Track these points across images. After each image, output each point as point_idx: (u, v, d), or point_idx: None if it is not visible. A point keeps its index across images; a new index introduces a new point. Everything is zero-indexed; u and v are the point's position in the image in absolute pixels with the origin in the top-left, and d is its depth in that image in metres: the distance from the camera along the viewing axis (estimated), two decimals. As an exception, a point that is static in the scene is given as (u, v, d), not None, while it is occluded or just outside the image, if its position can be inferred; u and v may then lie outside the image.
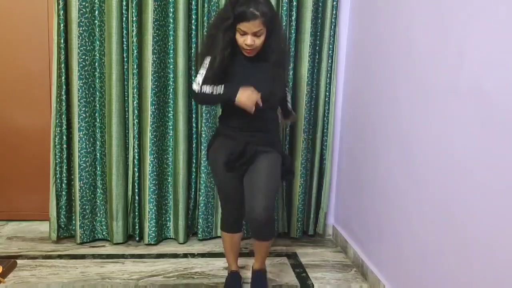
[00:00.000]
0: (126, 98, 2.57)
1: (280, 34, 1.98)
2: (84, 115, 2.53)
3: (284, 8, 2.51)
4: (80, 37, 2.45)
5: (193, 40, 2.54)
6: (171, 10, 2.48)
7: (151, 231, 2.62)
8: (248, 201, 1.93)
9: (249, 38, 1.82)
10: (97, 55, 2.53)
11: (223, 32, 1.85)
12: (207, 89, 1.85)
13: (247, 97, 1.80)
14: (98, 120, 2.59)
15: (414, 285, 1.86)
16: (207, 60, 1.90)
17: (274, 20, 1.89)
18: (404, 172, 1.95)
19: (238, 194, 2.01)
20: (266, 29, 1.85)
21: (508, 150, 1.30)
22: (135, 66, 2.49)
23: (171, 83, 2.56)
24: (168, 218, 2.72)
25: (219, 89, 1.84)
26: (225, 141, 2.00)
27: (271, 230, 2.04)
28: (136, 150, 2.58)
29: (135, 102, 2.53)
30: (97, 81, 2.56)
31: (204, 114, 2.60)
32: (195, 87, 1.89)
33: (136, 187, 2.62)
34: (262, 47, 1.89)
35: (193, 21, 2.52)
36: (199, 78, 1.89)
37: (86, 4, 2.43)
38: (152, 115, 2.52)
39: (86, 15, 2.44)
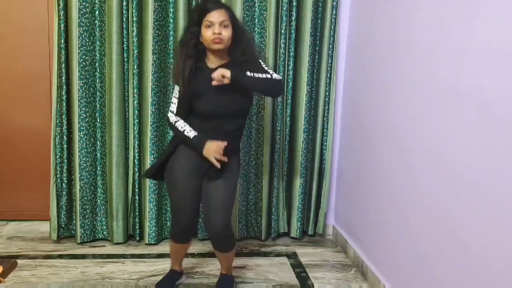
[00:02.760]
0: (126, 98, 2.57)
1: (246, 35, 1.99)
2: (84, 115, 2.53)
3: (284, 8, 2.51)
4: (81, 37, 2.45)
5: (193, 40, 2.54)
6: (171, 10, 2.48)
7: (151, 231, 2.62)
8: (207, 214, 1.94)
9: (216, 26, 1.84)
10: (98, 55, 2.53)
11: (188, 39, 1.90)
12: (180, 125, 1.94)
13: (213, 151, 1.85)
14: (98, 120, 2.59)
15: (414, 285, 1.86)
16: (176, 90, 1.96)
17: (237, 20, 1.95)
18: (403, 172, 1.95)
19: (196, 204, 2.00)
20: (231, 25, 1.88)
21: (507, 150, 1.30)
22: (135, 66, 2.49)
23: (171, 83, 2.56)
24: (168, 218, 2.72)
25: (190, 133, 1.90)
26: (186, 149, 1.95)
27: (231, 243, 2.03)
28: (136, 150, 2.58)
29: (135, 102, 2.53)
30: (97, 81, 2.56)
31: (204, 114, 2.60)
32: (170, 116, 1.97)
33: (136, 187, 2.62)
34: (230, 49, 1.91)
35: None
36: (173, 107, 1.98)
37: (86, 4, 2.43)
38: (152, 115, 2.52)
39: (86, 15, 2.45)
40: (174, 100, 1.97)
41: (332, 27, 2.63)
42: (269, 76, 1.92)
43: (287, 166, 2.76)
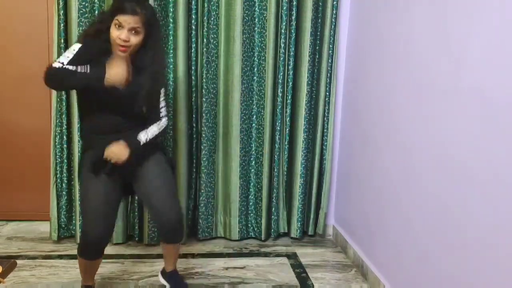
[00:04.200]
0: (126, 98, 2.56)
1: (160, 45, 1.89)
2: (84, 115, 2.53)
3: (284, 8, 2.51)
4: (80, 37, 2.44)
5: (193, 40, 2.54)
6: (171, 10, 2.48)
7: (151, 232, 2.62)
8: (157, 207, 1.85)
9: (124, 32, 1.72)
10: (97, 55, 2.52)
11: (98, 23, 1.80)
12: (69, 67, 1.70)
13: (115, 73, 1.69)
14: (98, 120, 2.59)
15: (414, 285, 1.85)
16: (76, 47, 1.75)
17: (154, 25, 1.82)
18: (404, 172, 1.95)
19: (112, 211, 1.84)
20: (144, 31, 1.76)
21: (508, 150, 1.30)
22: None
23: (171, 83, 2.55)
24: (168, 218, 2.71)
25: (85, 70, 1.72)
26: (92, 152, 1.85)
27: (183, 232, 1.99)
28: (136, 150, 2.58)
29: (135, 102, 2.53)
30: (97, 81, 2.55)
31: (204, 114, 2.60)
32: (55, 64, 1.70)
33: (136, 187, 2.62)
34: (138, 53, 1.79)
35: (193, 21, 2.52)
36: (63, 59, 1.72)
37: (86, 4, 2.43)
38: (152, 115, 2.52)
39: (86, 15, 2.44)
40: (69, 54, 1.73)
41: (332, 27, 2.63)
42: (160, 126, 1.91)
43: (287, 166, 2.76)
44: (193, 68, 2.57)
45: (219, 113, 2.64)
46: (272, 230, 2.77)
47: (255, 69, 2.64)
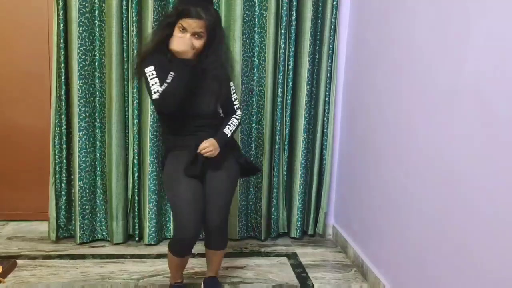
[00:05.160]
0: (126, 98, 2.56)
1: (222, 48, 1.89)
2: (84, 115, 2.53)
3: (284, 8, 2.51)
4: (80, 37, 2.45)
5: (193, 40, 2.54)
6: (171, 10, 2.47)
7: (151, 231, 2.62)
8: (207, 211, 1.89)
9: (188, 35, 1.75)
10: (97, 55, 2.53)
11: (162, 29, 1.83)
12: (162, 88, 1.75)
13: (182, 43, 1.72)
14: (98, 120, 2.59)
15: (414, 285, 1.86)
16: (150, 71, 1.80)
17: (217, 30, 1.83)
18: (404, 172, 1.95)
19: (201, 207, 1.87)
20: (207, 36, 1.78)
21: (506, 151, 1.30)
22: (135, 66, 2.48)
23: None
24: (168, 218, 2.71)
25: (171, 77, 1.74)
26: (179, 152, 1.89)
27: (225, 240, 2.02)
28: (136, 150, 2.58)
29: (135, 102, 2.53)
30: (97, 81, 2.56)
31: (204, 114, 2.60)
32: (155, 96, 1.76)
33: (136, 187, 2.62)
34: (200, 56, 1.81)
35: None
36: (155, 87, 1.77)
37: (86, 4, 2.43)
38: (152, 115, 2.52)
39: (86, 15, 2.44)
40: (152, 81, 1.78)
41: (332, 27, 2.63)
42: (238, 118, 1.98)
43: (287, 166, 2.76)
44: (193, 68, 2.57)
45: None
46: (272, 230, 2.77)
47: (255, 69, 2.64)
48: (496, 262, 1.35)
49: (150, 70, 1.79)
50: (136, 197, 2.63)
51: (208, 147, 1.83)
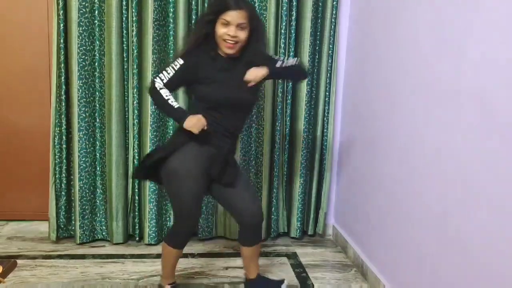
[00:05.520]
0: (126, 98, 2.56)
1: (263, 39, 1.91)
2: (84, 115, 2.53)
3: (284, 8, 2.51)
4: (80, 37, 2.45)
5: (193, 40, 2.54)
6: (171, 10, 2.48)
7: (151, 231, 2.62)
8: (240, 208, 1.90)
9: (232, 28, 1.76)
10: (97, 55, 2.53)
11: (201, 28, 1.84)
12: (165, 93, 1.77)
13: (194, 123, 1.73)
14: (98, 120, 2.59)
15: (414, 285, 1.86)
16: (178, 62, 1.81)
17: (257, 20, 1.86)
18: (404, 172, 1.95)
19: (200, 207, 1.94)
20: (249, 27, 1.80)
21: (508, 151, 1.30)
22: (135, 66, 2.49)
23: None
24: (168, 218, 2.71)
25: (174, 103, 1.76)
26: (199, 147, 1.84)
27: (261, 233, 2.04)
28: (136, 150, 2.58)
29: (135, 102, 2.53)
30: (97, 81, 2.56)
31: (204, 114, 2.60)
32: (157, 82, 1.78)
33: (136, 187, 2.62)
34: (243, 50, 1.84)
35: (193, 21, 2.52)
36: (165, 76, 1.79)
37: (86, 4, 2.43)
38: (152, 115, 2.52)
39: (86, 15, 2.44)
40: (169, 70, 1.80)
41: (332, 27, 2.63)
42: (296, 60, 1.92)
43: (287, 166, 2.76)
44: (193, 68, 2.57)
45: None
46: (272, 230, 2.77)
47: (255, 69, 2.64)
48: (496, 262, 1.35)
49: (178, 63, 1.81)
50: (136, 197, 2.63)
51: (252, 74, 1.78)
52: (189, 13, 2.51)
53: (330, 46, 2.66)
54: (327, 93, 2.71)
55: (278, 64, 1.87)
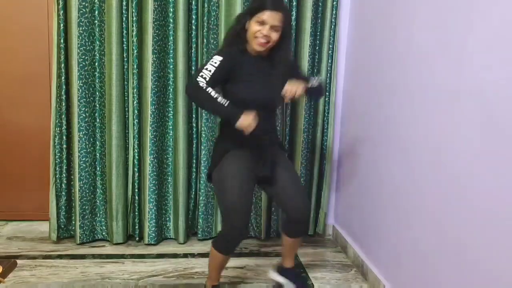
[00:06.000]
0: (126, 98, 2.57)
1: (291, 43, 1.96)
2: (84, 115, 2.53)
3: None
4: (80, 37, 2.45)
5: (193, 40, 2.54)
6: (171, 10, 2.48)
7: (151, 231, 2.62)
8: (289, 203, 1.93)
9: (267, 27, 1.78)
10: (97, 55, 2.53)
11: (235, 25, 1.88)
12: (212, 92, 1.71)
13: (249, 123, 1.71)
14: (98, 120, 2.59)
15: (414, 285, 1.86)
16: (217, 59, 1.78)
17: (289, 27, 1.91)
18: (403, 172, 1.95)
19: (248, 211, 1.88)
20: (281, 30, 1.82)
21: (507, 151, 1.30)
22: (135, 66, 2.49)
23: (171, 83, 2.56)
24: (168, 218, 2.72)
25: (224, 101, 1.72)
26: (240, 151, 1.89)
27: (308, 226, 2.09)
28: (136, 150, 2.58)
29: (135, 102, 2.53)
30: (97, 81, 2.56)
31: (204, 114, 2.60)
32: (200, 81, 1.71)
33: (136, 187, 2.62)
34: (271, 51, 1.87)
35: (193, 21, 2.52)
36: (207, 74, 1.73)
37: (86, 4, 2.43)
38: (152, 115, 2.52)
39: (86, 15, 2.44)
40: (210, 67, 1.75)
41: (332, 27, 2.63)
42: (318, 81, 1.94)
43: (287, 166, 2.76)
44: (193, 68, 2.57)
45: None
46: (272, 230, 2.77)
47: (255, 69, 2.64)
48: (496, 262, 1.35)
49: (217, 60, 1.78)
50: (136, 197, 2.63)
51: (292, 87, 1.76)
52: (189, 13, 2.51)
53: (330, 46, 2.66)
54: (327, 93, 2.71)
55: (311, 84, 1.87)
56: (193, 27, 2.53)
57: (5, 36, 2.75)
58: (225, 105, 1.71)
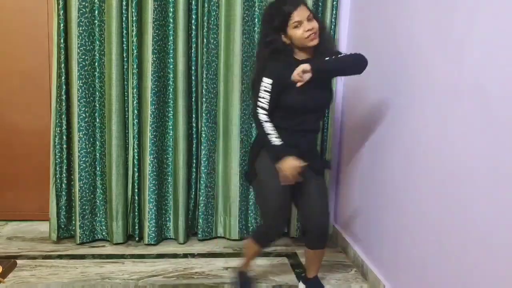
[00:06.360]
0: (126, 98, 2.56)
1: (328, 36, 2.00)
2: (84, 115, 2.53)
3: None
4: (80, 37, 2.45)
5: (193, 40, 2.54)
6: (171, 10, 2.48)
7: (151, 231, 2.62)
8: (308, 217, 1.99)
9: (305, 22, 1.78)
10: (97, 55, 2.53)
11: (267, 43, 1.85)
12: (268, 127, 1.82)
13: (290, 167, 1.78)
14: (98, 120, 2.59)
15: (414, 285, 1.85)
16: (268, 83, 1.81)
17: (316, 17, 1.91)
18: (403, 172, 1.95)
19: (286, 207, 1.99)
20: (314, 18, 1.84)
21: (508, 150, 1.30)
22: (135, 66, 2.49)
23: (171, 83, 2.56)
24: (168, 218, 2.71)
25: (275, 141, 1.81)
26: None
27: (327, 239, 2.09)
28: (136, 150, 2.58)
29: (135, 102, 2.53)
30: (97, 81, 2.56)
31: (204, 114, 2.60)
32: (261, 113, 1.83)
33: (136, 187, 2.62)
34: (316, 50, 1.86)
35: (193, 21, 2.52)
36: (264, 103, 1.82)
37: (86, 4, 2.43)
38: (152, 115, 2.52)
39: (86, 15, 2.44)
40: (265, 95, 1.82)
41: (332, 27, 2.63)
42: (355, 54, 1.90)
43: (287, 166, 2.75)
44: (193, 68, 2.57)
45: (219, 113, 2.64)
46: (272, 230, 2.77)
47: (255, 69, 2.64)
48: (496, 262, 1.34)
49: (268, 83, 1.82)
50: (136, 197, 2.63)
51: (299, 70, 1.74)
52: (189, 13, 2.51)
53: (330, 46, 2.65)
54: (327, 93, 2.71)
55: (331, 60, 1.84)
56: (193, 27, 2.53)
57: (5, 36, 2.75)
58: (276, 144, 1.81)
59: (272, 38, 1.84)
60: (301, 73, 1.72)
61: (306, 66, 1.73)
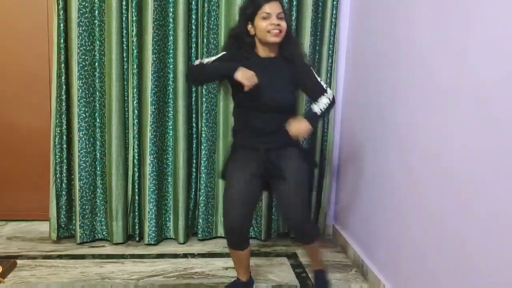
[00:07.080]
0: (126, 98, 2.56)
1: (295, 37, 2.02)
2: (84, 115, 2.53)
3: (285, 8, 2.50)
4: (80, 37, 2.45)
5: (193, 40, 2.54)
6: (171, 10, 2.48)
7: (151, 231, 2.62)
8: (286, 213, 1.96)
9: (274, 18, 1.80)
10: (97, 55, 2.53)
11: (235, 29, 1.91)
12: (206, 60, 1.84)
13: (249, 76, 1.72)
14: (98, 120, 2.59)
15: (414, 285, 1.85)
16: (221, 53, 1.91)
17: (288, 13, 1.95)
18: (403, 172, 1.95)
19: (248, 209, 1.92)
20: (285, 18, 1.86)
21: (507, 150, 1.30)
22: (135, 66, 2.49)
23: (171, 83, 2.56)
24: (168, 218, 2.71)
25: (219, 62, 1.82)
26: (245, 152, 1.93)
27: (314, 232, 2.07)
28: (136, 150, 2.58)
29: (135, 102, 2.53)
30: (97, 81, 2.56)
31: (204, 114, 2.60)
32: (196, 62, 1.86)
33: (136, 187, 2.62)
34: (282, 43, 1.86)
35: (193, 21, 2.52)
36: (205, 60, 1.88)
37: (86, 4, 2.43)
38: (152, 115, 2.52)
39: (86, 15, 2.44)
40: (212, 58, 1.88)
41: (332, 27, 2.63)
42: (329, 96, 1.89)
43: (287, 166, 2.75)
44: (193, 68, 2.57)
45: (219, 113, 2.64)
46: (272, 230, 2.77)
47: (255, 69, 2.64)
48: (496, 262, 1.34)
49: (221, 53, 1.91)
50: (136, 197, 2.63)
51: (299, 129, 1.77)
52: (189, 13, 2.51)
53: (330, 46, 2.65)
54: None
55: (317, 110, 1.84)
56: (193, 27, 2.53)
57: (5, 36, 2.75)
58: (223, 63, 1.80)
59: (240, 26, 1.88)
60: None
61: (305, 127, 1.76)
